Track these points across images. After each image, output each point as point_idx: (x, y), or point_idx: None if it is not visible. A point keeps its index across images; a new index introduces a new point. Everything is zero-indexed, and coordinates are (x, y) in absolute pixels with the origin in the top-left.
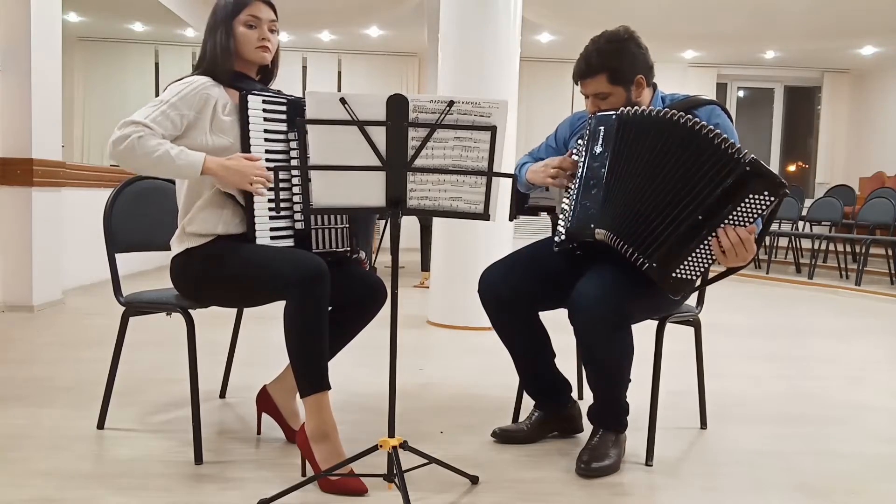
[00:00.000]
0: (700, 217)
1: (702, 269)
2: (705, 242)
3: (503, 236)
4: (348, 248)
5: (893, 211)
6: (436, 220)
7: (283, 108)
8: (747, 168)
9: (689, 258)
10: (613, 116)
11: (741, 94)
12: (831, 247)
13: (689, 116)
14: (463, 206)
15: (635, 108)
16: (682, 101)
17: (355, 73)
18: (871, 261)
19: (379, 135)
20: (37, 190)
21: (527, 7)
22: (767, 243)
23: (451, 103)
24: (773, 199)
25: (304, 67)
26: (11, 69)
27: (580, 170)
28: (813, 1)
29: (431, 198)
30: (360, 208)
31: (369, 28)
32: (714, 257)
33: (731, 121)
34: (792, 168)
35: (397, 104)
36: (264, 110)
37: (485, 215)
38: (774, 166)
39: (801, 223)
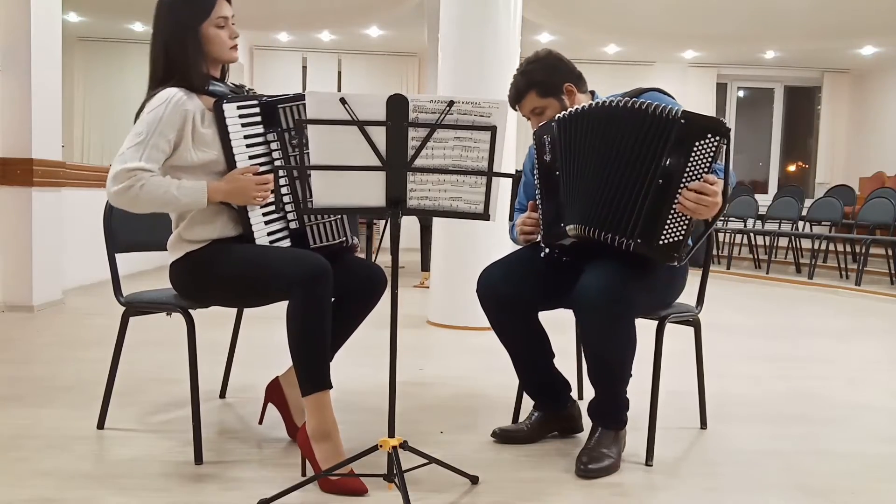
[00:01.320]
0: (660, 181)
1: (684, 227)
2: (675, 202)
3: (503, 236)
4: (344, 239)
5: (893, 211)
6: (436, 220)
7: (257, 109)
8: (682, 121)
9: (668, 221)
10: (552, 123)
11: (741, 94)
12: (831, 247)
13: (621, 98)
14: (463, 206)
15: (570, 109)
16: (621, 97)
17: (355, 73)
18: (871, 261)
19: (379, 135)
20: (37, 190)
21: (527, 7)
22: (767, 243)
23: (451, 103)
24: (717, 138)
25: (304, 67)
26: (11, 69)
27: (537, 183)
28: (813, 1)
29: (431, 198)
30: (360, 208)
31: (369, 28)
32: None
33: (674, 99)
34: (792, 168)
35: (397, 104)
36: (240, 116)
37: (485, 215)
38: (774, 166)
39: (801, 223)
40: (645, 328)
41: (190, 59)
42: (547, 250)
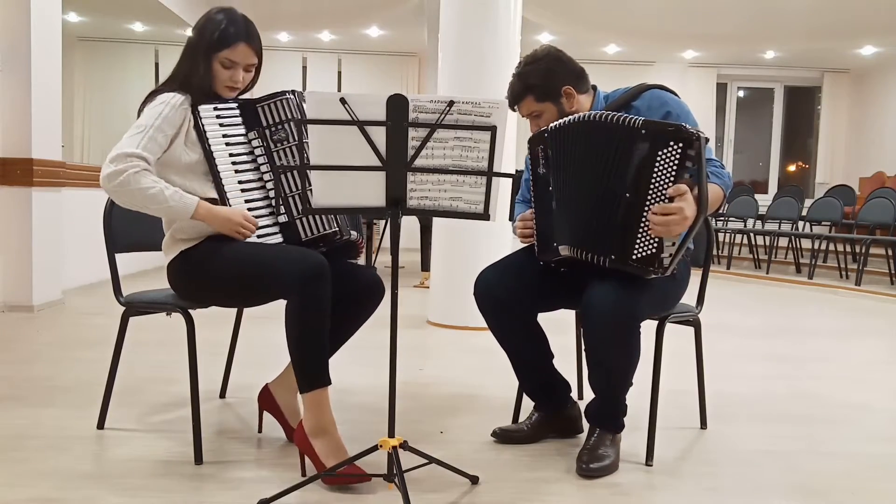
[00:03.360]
0: (628, 195)
1: (657, 239)
2: (644, 215)
3: (503, 236)
4: (336, 230)
5: (893, 211)
6: (436, 220)
7: (236, 111)
8: (642, 131)
9: (639, 235)
10: (546, 135)
11: (741, 94)
12: (831, 247)
13: (596, 112)
14: (463, 206)
15: (561, 119)
16: (623, 94)
17: (355, 73)
18: (871, 261)
19: (379, 135)
20: (37, 190)
21: (527, 7)
22: (767, 243)
23: (451, 103)
24: (681, 145)
25: (304, 67)
26: (11, 69)
27: (532, 195)
28: (813, 1)
29: (431, 198)
30: (361, 208)
31: (369, 28)
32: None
33: (677, 96)
34: (792, 168)
35: (397, 104)
36: (217, 116)
37: (485, 215)
38: (774, 166)
39: (801, 223)
40: (645, 328)
41: (196, 77)
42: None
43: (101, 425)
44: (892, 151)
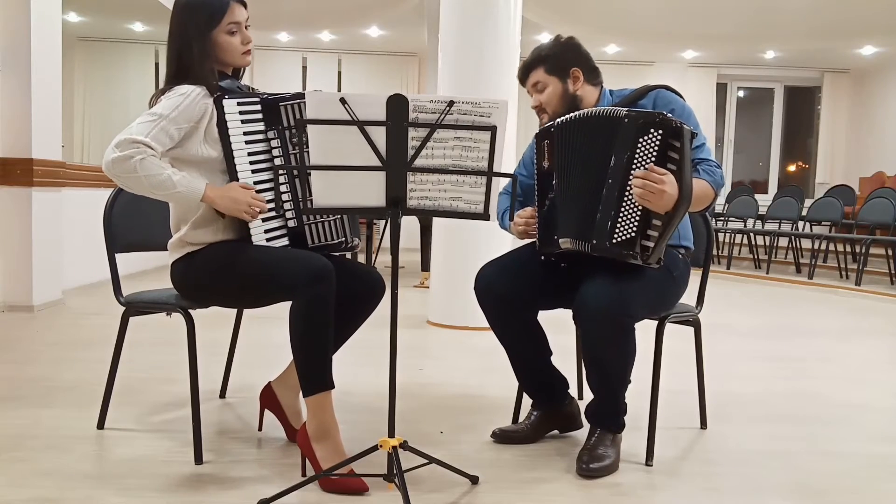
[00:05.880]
0: (611, 181)
1: (636, 223)
2: (625, 199)
3: (503, 236)
4: (343, 239)
5: (893, 211)
6: (436, 220)
7: (258, 106)
8: (625, 120)
9: (620, 219)
10: (552, 129)
11: (741, 94)
12: (831, 247)
13: (597, 108)
14: (463, 206)
15: (569, 115)
16: (630, 94)
17: (355, 73)
18: (871, 261)
19: (379, 135)
20: (37, 190)
21: (527, 7)
22: (767, 243)
23: (451, 103)
24: (661, 132)
25: (304, 67)
26: (11, 69)
27: (535, 188)
28: (813, 1)
29: (431, 198)
30: (361, 208)
31: (369, 28)
32: (639, 206)
33: (682, 98)
34: (792, 168)
35: (397, 104)
36: (240, 112)
37: (485, 215)
38: (774, 166)
39: (801, 223)
40: (645, 328)
41: (200, 64)
42: (542, 257)
43: (101, 425)
44: (892, 151)
